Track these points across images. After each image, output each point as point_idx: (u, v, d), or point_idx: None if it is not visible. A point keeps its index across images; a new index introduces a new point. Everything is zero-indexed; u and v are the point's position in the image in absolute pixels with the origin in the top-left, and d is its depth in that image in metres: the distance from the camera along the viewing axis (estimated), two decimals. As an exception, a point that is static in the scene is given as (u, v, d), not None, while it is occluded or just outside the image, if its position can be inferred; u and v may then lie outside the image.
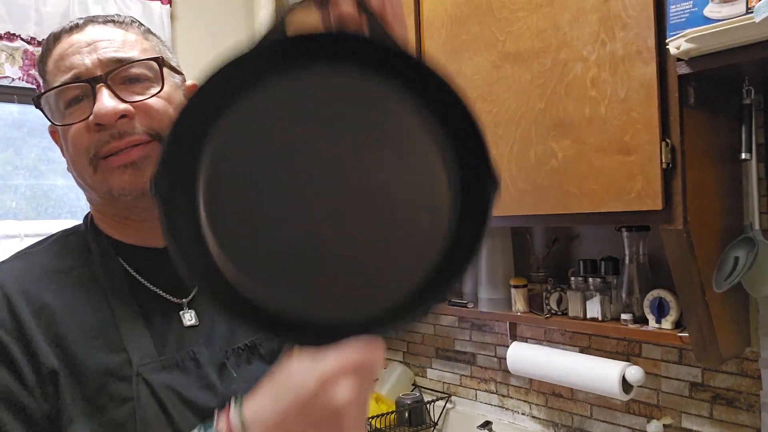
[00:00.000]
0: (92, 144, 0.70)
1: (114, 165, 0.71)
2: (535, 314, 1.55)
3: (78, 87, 0.71)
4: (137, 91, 0.73)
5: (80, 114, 0.71)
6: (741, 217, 1.29)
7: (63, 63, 0.72)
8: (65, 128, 0.72)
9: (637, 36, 1.14)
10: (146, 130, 0.71)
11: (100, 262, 0.75)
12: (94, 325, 0.70)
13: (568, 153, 1.25)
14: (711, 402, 1.43)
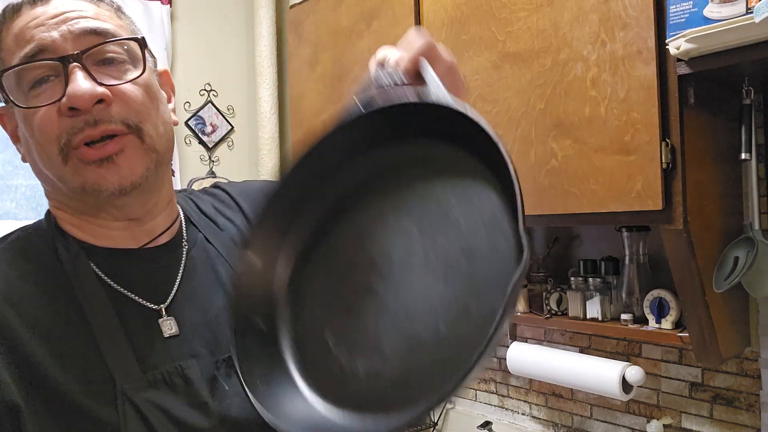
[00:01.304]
0: (64, 131, 0.63)
1: (89, 158, 0.64)
2: (535, 314, 1.55)
3: (46, 65, 0.63)
4: (113, 74, 0.65)
5: (49, 96, 0.63)
6: (741, 217, 1.29)
7: (25, 36, 0.63)
8: (29, 111, 0.63)
9: (637, 36, 1.14)
10: (123, 120, 0.65)
11: (70, 268, 0.67)
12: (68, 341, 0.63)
13: (568, 153, 1.25)
14: (711, 402, 1.44)
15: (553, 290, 1.51)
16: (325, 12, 1.84)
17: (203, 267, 0.75)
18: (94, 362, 0.62)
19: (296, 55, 1.95)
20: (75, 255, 0.68)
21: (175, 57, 2.08)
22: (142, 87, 0.67)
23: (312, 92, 1.88)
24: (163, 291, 0.70)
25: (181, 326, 0.69)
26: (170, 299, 0.70)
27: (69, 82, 0.62)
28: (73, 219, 0.70)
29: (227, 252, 0.78)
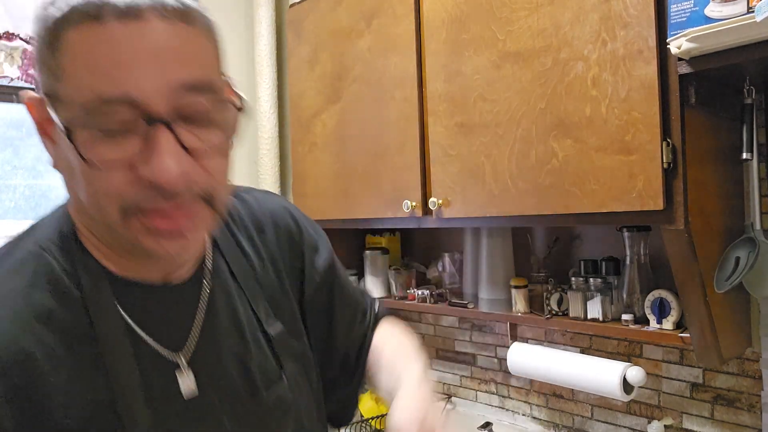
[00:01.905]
0: (133, 195, 0.54)
1: (156, 227, 0.55)
2: (536, 315, 1.55)
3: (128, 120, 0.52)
4: (201, 134, 0.55)
5: (122, 151, 0.52)
6: (742, 217, 1.29)
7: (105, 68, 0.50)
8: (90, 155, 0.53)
9: (638, 35, 1.14)
10: (201, 192, 0.56)
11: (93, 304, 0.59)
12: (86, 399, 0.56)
13: (569, 153, 1.25)
14: (712, 402, 1.43)
15: (553, 290, 1.51)
16: (324, 11, 1.83)
17: (224, 306, 0.70)
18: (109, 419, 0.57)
19: (296, 55, 1.94)
20: (98, 287, 0.60)
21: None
22: (225, 153, 0.59)
23: (311, 91, 1.88)
24: (182, 335, 0.65)
25: (199, 381, 0.64)
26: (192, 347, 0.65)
27: (154, 150, 0.52)
28: (100, 245, 0.62)
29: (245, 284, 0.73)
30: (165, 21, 0.52)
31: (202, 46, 0.56)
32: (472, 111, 1.43)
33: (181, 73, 0.53)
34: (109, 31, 0.51)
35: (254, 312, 0.72)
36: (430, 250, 2.04)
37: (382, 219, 1.69)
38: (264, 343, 0.72)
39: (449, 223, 1.52)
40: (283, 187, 2.19)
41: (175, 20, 0.53)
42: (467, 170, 1.44)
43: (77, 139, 0.52)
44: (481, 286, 1.69)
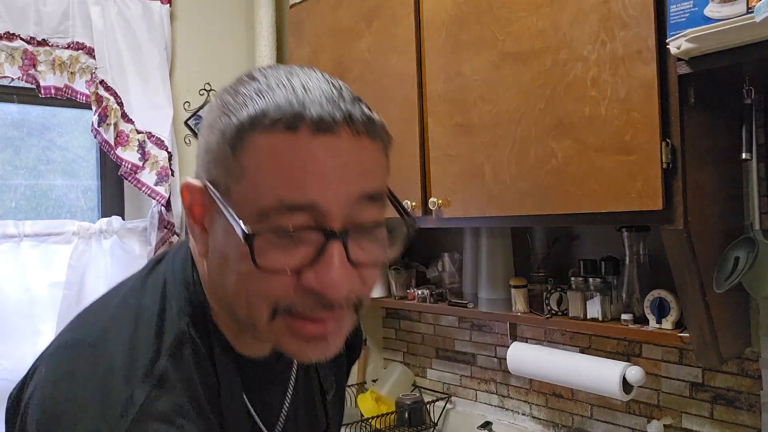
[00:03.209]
0: (289, 299, 0.54)
1: (303, 332, 0.55)
2: (536, 314, 1.55)
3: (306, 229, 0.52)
4: (366, 247, 0.55)
5: (292, 258, 0.53)
6: (741, 217, 1.29)
7: (296, 178, 0.51)
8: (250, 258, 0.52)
9: (637, 36, 1.14)
10: (354, 301, 0.56)
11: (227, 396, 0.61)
12: None
13: (569, 153, 1.25)
14: (711, 402, 1.43)
15: (553, 290, 1.51)
16: (325, 12, 1.84)
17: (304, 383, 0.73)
18: None
19: (296, 55, 1.94)
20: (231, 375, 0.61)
21: (175, 57, 2.07)
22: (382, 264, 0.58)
23: (312, 92, 1.88)
24: (276, 411, 0.68)
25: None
26: (281, 424, 0.68)
27: (324, 261, 0.52)
28: (231, 324, 0.62)
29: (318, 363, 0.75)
30: (354, 137, 0.53)
31: (379, 161, 0.56)
32: (471, 111, 1.43)
33: (362, 185, 0.54)
34: (301, 142, 0.51)
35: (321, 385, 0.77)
36: (430, 250, 2.04)
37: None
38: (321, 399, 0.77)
39: (449, 223, 1.53)
40: (283, 187, 2.19)
41: (363, 135, 0.54)
42: (467, 170, 1.44)
43: (255, 242, 0.51)
44: (480, 286, 1.70)
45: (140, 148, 1.85)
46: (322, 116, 0.51)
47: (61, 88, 1.77)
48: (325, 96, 0.53)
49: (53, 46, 1.76)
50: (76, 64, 1.80)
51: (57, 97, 1.77)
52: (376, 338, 2.26)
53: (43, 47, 1.75)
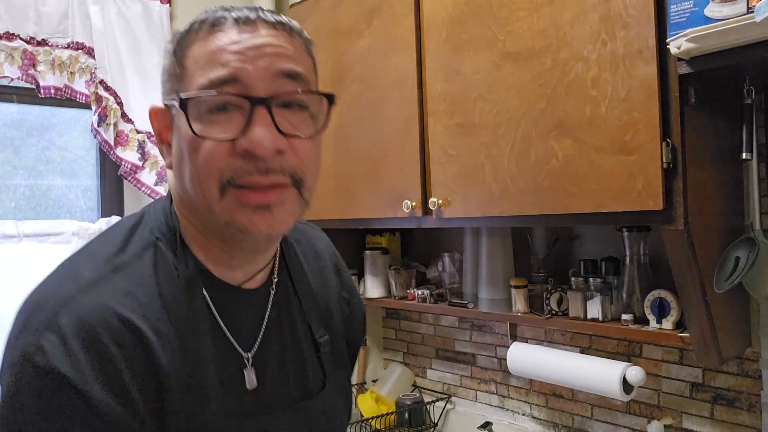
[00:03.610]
0: (230, 168, 0.62)
1: (247, 201, 0.63)
2: (536, 315, 1.55)
3: (233, 99, 0.62)
4: (293, 122, 0.65)
5: (224, 128, 0.62)
6: (742, 217, 1.29)
7: (219, 58, 0.62)
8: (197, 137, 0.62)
9: (637, 35, 1.14)
10: (290, 172, 0.64)
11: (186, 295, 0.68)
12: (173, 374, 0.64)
13: (569, 153, 1.25)
14: (712, 402, 1.43)
15: (553, 290, 1.51)
16: (324, 12, 1.83)
17: (285, 315, 0.78)
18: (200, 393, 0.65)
19: (296, 55, 1.94)
20: (192, 280, 0.68)
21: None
22: (315, 140, 0.67)
23: (312, 92, 1.88)
24: (252, 336, 0.73)
25: (258, 378, 0.72)
26: (256, 347, 0.73)
27: (252, 125, 0.61)
28: (199, 237, 0.70)
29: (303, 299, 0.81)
30: (271, 29, 0.65)
31: (299, 52, 0.67)
32: (471, 111, 1.43)
33: (280, 63, 0.63)
34: (227, 35, 0.63)
35: (308, 324, 0.80)
36: (430, 250, 2.04)
37: (382, 219, 1.69)
38: (314, 351, 0.80)
39: (449, 223, 1.52)
40: (283, 187, 2.19)
41: (280, 30, 0.65)
42: (467, 170, 1.44)
43: (190, 112, 0.62)
44: (480, 286, 1.69)
45: (140, 148, 1.85)
46: (240, 15, 0.64)
47: (60, 88, 1.77)
48: (246, 7, 0.66)
49: (53, 46, 1.76)
50: (76, 64, 1.80)
51: (56, 97, 1.77)
52: (376, 338, 2.26)
53: (42, 47, 1.74)
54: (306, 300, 0.81)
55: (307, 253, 0.86)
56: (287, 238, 0.83)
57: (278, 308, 0.77)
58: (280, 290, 0.78)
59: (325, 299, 0.85)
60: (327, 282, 0.87)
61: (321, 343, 0.80)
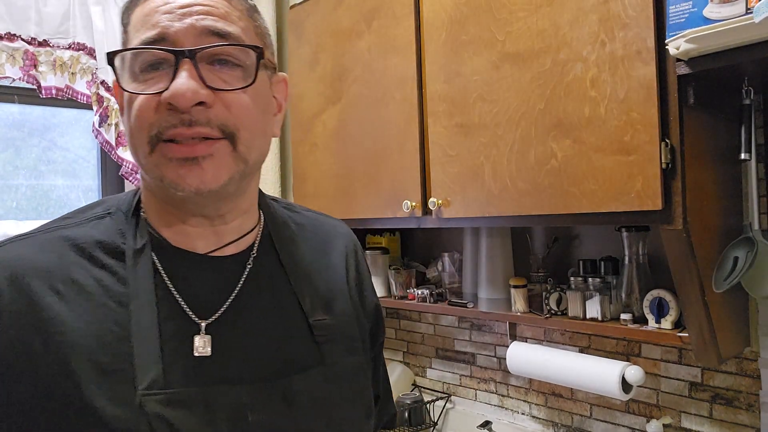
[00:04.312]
0: (156, 123, 0.63)
1: (173, 155, 0.63)
2: (535, 314, 1.55)
3: (160, 54, 0.63)
4: (223, 77, 0.65)
5: (153, 84, 0.63)
6: (740, 217, 1.29)
7: (150, 19, 0.64)
8: (132, 95, 0.64)
9: (636, 36, 1.14)
10: (219, 125, 0.64)
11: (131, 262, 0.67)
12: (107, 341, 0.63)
13: (568, 153, 1.25)
14: (710, 402, 1.44)
15: (552, 290, 1.51)
16: (325, 12, 1.84)
17: (265, 288, 0.73)
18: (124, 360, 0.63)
19: (296, 55, 1.95)
20: (141, 248, 0.68)
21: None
22: (250, 95, 0.66)
23: (312, 92, 1.88)
24: (212, 306, 0.69)
25: (216, 347, 0.67)
26: (216, 317, 0.69)
27: (175, 77, 0.62)
28: (157, 205, 0.70)
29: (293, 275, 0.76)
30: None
31: (235, 13, 0.67)
32: (471, 111, 1.43)
33: (207, 21, 0.64)
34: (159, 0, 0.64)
35: (299, 302, 0.75)
36: (430, 250, 2.04)
37: (382, 219, 1.70)
38: (308, 333, 0.74)
39: (449, 223, 1.53)
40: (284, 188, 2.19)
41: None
42: (467, 170, 1.45)
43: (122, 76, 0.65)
44: (480, 286, 1.70)
45: (141, 148, 1.85)
46: None
47: (61, 89, 1.77)
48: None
49: (54, 47, 1.76)
50: (77, 64, 1.80)
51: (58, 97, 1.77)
52: (376, 338, 2.26)
53: (44, 48, 1.75)
54: (296, 277, 0.76)
55: (309, 237, 0.82)
56: (278, 217, 0.80)
57: (257, 280, 0.73)
58: (261, 263, 0.74)
59: (325, 282, 0.80)
60: (331, 266, 0.82)
61: (315, 325, 0.74)
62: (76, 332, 0.62)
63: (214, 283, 0.70)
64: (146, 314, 0.65)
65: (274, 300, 0.73)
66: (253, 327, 0.70)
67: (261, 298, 0.72)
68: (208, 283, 0.70)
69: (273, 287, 0.74)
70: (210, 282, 0.70)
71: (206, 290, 0.70)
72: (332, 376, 0.73)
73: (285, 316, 0.73)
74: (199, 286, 0.69)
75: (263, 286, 0.73)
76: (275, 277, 0.75)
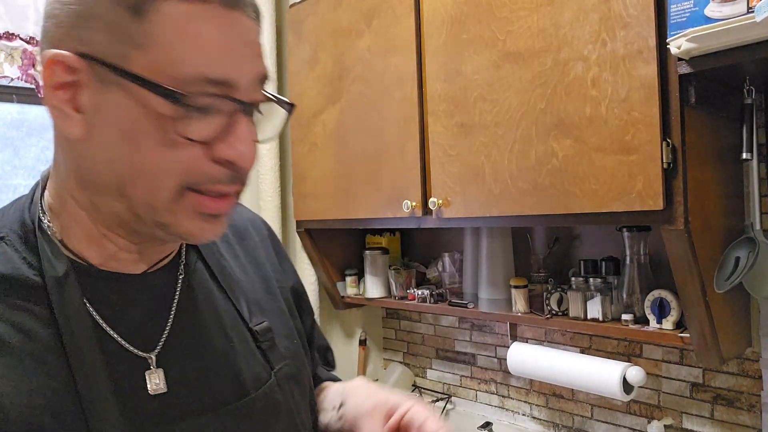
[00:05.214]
0: (200, 173, 0.54)
1: (204, 209, 0.56)
2: (536, 315, 1.55)
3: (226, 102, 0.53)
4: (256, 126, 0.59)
5: (201, 131, 0.53)
6: (742, 218, 1.29)
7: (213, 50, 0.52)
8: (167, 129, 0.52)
9: (637, 35, 1.14)
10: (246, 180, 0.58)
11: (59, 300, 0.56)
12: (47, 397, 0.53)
13: (569, 153, 1.25)
14: (712, 402, 1.43)
15: (553, 290, 1.51)
16: (324, 11, 1.83)
17: (203, 302, 0.67)
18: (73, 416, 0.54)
19: (296, 55, 1.94)
20: (64, 281, 0.57)
21: (175, 56, 2.07)
22: None
23: (311, 91, 1.88)
24: (154, 331, 0.62)
25: (169, 380, 0.61)
26: (161, 343, 0.62)
27: (237, 133, 0.54)
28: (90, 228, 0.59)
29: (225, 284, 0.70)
30: (251, 17, 0.55)
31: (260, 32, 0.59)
32: (472, 111, 1.43)
33: (261, 67, 0.56)
34: (214, 14, 0.52)
35: (237, 310, 0.70)
36: (430, 250, 2.04)
37: (382, 219, 1.69)
38: (251, 341, 0.69)
39: (449, 223, 1.52)
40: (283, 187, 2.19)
41: (255, 17, 0.56)
42: (467, 170, 1.44)
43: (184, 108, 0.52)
44: (481, 286, 1.69)
45: (140, 148, 1.85)
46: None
47: (60, 88, 1.77)
48: None
49: (53, 46, 1.76)
50: (76, 63, 1.80)
51: (57, 96, 1.77)
52: (376, 338, 2.26)
53: (42, 47, 1.74)
54: (227, 282, 0.70)
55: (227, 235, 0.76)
56: None
57: (190, 293, 0.66)
58: (192, 276, 0.67)
59: (251, 279, 0.75)
60: (253, 259, 0.77)
61: (258, 331, 0.69)
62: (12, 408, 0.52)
63: (147, 304, 0.63)
64: (90, 359, 0.56)
65: (211, 311, 0.67)
66: (200, 347, 0.64)
67: (199, 311, 0.66)
68: (140, 307, 0.62)
69: (207, 297, 0.68)
70: (142, 304, 0.62)
71: (140, 315, 0.62)
72: (284, 383, 0.70)
73: (226, 326, 0.67)
74: (132, 312, 0.61)
75: (198, 298, 0.67)
76: (206, 286, 0.69)
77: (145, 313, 0.62)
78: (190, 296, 0.66)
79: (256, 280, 0.76)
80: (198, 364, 0.63)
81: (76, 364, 0.55)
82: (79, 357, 0.56)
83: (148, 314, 0.62)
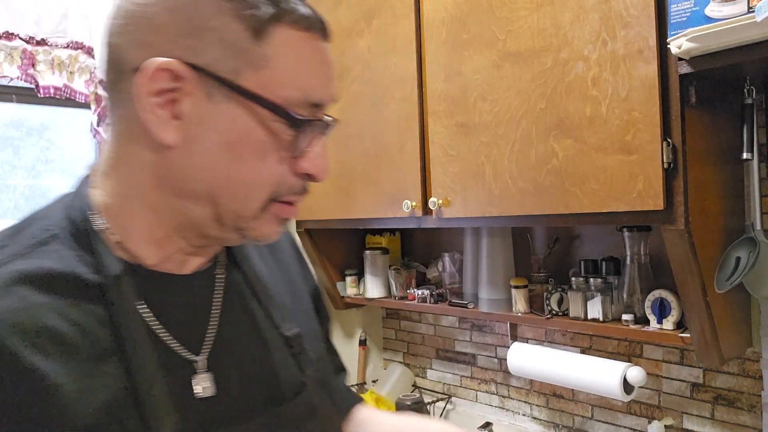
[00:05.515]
0: (286, 185, 0.60)
1: (283, 215, 0.62)
2: (536, 315, 1.55)
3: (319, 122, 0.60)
4: None
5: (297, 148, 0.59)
6: (742, 218, 1.29)
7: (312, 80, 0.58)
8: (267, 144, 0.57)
9: (638, 35, 1.14)
10: None
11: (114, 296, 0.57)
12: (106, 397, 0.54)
13: (569, 153, 1.25)
14: (712, 403, 1.43)
15: (554, 290, 1.51)
16: (324, 11, 1.82)
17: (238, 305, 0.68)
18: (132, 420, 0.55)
19: (296, 55, 1.94)
20: (119, 276, 0.58)
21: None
22: None
23: (312, 92, 1.88)
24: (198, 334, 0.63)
25: (218, 383, 0.62)
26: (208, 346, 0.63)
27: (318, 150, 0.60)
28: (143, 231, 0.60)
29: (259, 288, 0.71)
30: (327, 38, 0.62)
31: None
32: (472, 111, 1.42)
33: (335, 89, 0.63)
34: (317, 44, 0.59)
35: (270, 314, 0.71)
36: (430, 250, 2.04)
37: (382, 219, 1.69)
38: (284, 346, 0.70)
39: (449, 223, 1.52)
40: (283, 187, 2.20)
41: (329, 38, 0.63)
42: (467, 170, 1.44)
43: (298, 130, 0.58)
44: (481, 286, 1.69)
45: (140, 148, 1.85)
46: (323, 23, 0.60)
47: (60, 88, 1.77)
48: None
49: (52, 46, 1.76)
50: (75, 63, 1.80)
51: (56, 96, 1.77)
52: (376, 338, 2.26)
53: (42, 47, 1.74)
54: (261, 288, 0.71)
55: None
56: None
57: (230, 298, 0.67)
58: (228, 277, 0.69)
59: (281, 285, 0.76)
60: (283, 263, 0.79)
61: (290, 337, 0.70)
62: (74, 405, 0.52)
63: (190, 306, 0.64)
64: (146, 361, 0.57)
65: (249, 315, 0.69)
66: (242, 351, 0.66)
67: (238, 315, 0.67)
68: (184, 308, 0.63)
69: (244, 301, 0.69)
70: (186, 306, 0.63)
71: (184, 317, 0.63)
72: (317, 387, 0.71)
73: (262, 331, 0.69)
74: (178, 313, 0.62)
75: (236, 302, 0.68)
76: (242, 289, 0.70)
77: (189, 314, 0.64)
78: (229, 299, 0.67)
79: (283, 284, 0.77)
80: (241, 368, 0.65)
81: (134, 367, 0.56)
82: (136, 359, 0.56)
83: (191, 316, 0.64)
